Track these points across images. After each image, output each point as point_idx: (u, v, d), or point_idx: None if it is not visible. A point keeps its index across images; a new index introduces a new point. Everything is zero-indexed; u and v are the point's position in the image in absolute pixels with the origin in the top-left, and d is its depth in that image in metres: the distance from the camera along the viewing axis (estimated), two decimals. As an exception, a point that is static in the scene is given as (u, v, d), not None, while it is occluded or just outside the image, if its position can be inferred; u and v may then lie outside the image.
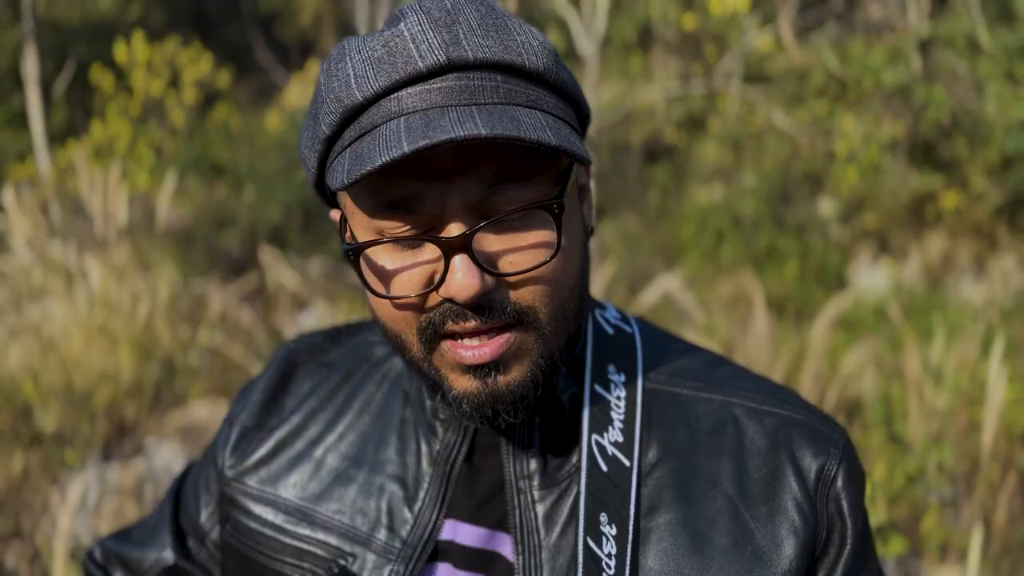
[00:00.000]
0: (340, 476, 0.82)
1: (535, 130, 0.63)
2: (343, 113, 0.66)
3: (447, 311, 0.68)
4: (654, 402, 0.79)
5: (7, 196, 4.83)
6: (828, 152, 9.03)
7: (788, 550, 0.73)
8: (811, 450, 0.76)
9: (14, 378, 3.79)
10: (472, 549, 0.77)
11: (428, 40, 0.64)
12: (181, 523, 0.94)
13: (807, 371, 3.41)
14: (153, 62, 10.22)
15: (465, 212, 0.66)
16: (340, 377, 0.89)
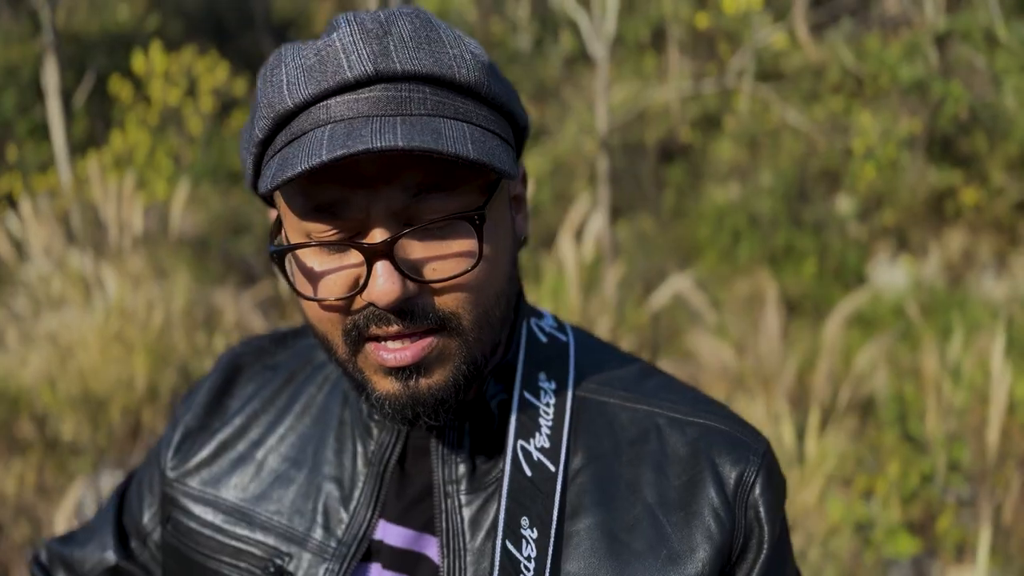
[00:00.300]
0: (280, 477, 0.84)
1: (455, 142, 0.64)
2: (275, 118, 0.68)
3: (370, 315, 0.70)
4: (583, 410, 0.81)
5: (25, 206, 4.90)
6: (845, 149, 8.96)
7: (702, 554, 0.74)
8: (731, 458, 0.78)
9: (32, 386, 3.85)
10: (399, 550, 0.79)
11: (358, 50, 0.66)
12: (124, 524, 0.95)
13: (820, 369, 3.38)
14: (171, 72, 10.32)
15: (389, 219, 0.68)
16: (283, 379, 0.90)
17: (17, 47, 11.50)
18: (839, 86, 9.53)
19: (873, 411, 3.67)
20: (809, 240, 8.52)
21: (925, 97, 8.79)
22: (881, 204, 8.96)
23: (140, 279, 4.83)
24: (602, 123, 7.26)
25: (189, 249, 6.60)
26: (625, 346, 4.19)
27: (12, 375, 3.97)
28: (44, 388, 3.81)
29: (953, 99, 8.32)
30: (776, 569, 0.78)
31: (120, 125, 10.49)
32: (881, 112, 9.00)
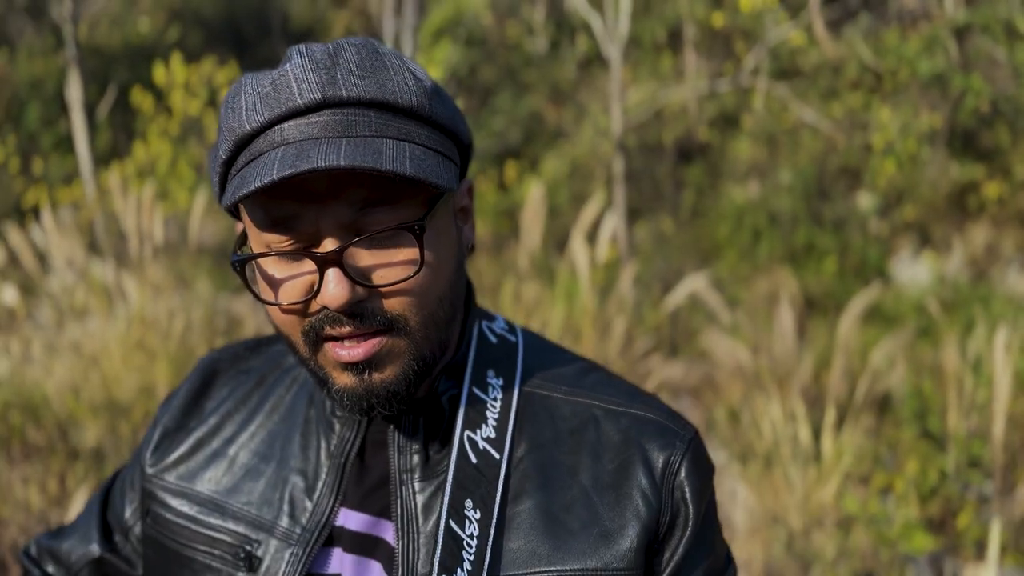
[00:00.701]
0: (251, 471, 0.91)
1: (394, 161, 0.71)
2: (236, 141, 0.76)
3: (325, 317, 0.77)
4: (528, 403, 0.89)
5: (48, 218, 4.99)
6: (865, 145, 8.89)
7: (631, 531, 0.82)
8: (658, 444, 0.85)
9: (56, 394, 3.91)
10: (359, 534, 0.86)
11: (308, 80, 0.73)
12: (108, 520, 1.02)
13: (835, 366, 3.37)
14: (191, 82, 10.46)
15: (338, 230, 0.75)
16: (255, 382, 0.98)
17: (41, 61, 11.69)
18: (857, 82, 9.46)
19: (891, 408, 3.65)
20: (829, 238, 8.46)
21: (945, 91, 8.70)
22: (902, 200, 8.88)
23: (161, 288, 4.90)
24: (616, 125, 7.27)
25: (209, 258, 6.68)
26: (641, 346, 4.19)
27: (37, 384, 4.04)
28: (68, 396, 3.87)
29: (974, 93, 8.23)
30: (701, 546, 0.85)
31: (142, 136, 10.64)
32: (901, 107, 8.92)
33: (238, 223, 0.86)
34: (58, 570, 1.03)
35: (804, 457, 3.17)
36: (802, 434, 3.14)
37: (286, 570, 0.86)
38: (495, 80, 10.82)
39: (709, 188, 9.49)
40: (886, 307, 7.39)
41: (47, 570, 1.04)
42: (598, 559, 0.81)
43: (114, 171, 9.29)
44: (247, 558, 0.87)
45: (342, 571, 0.86)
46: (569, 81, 10.66)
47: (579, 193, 9.05)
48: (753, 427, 3.38)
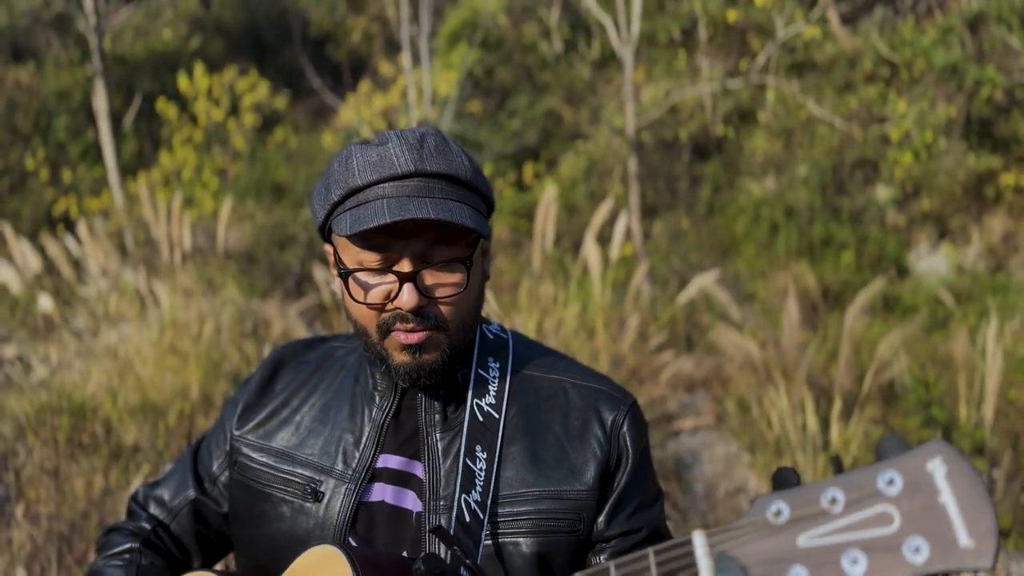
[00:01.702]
0: (312, 432, 1.28)
1: (461, 217, 1.09)
2: (348, 190, 1.13)
3: (397, 315, 1.14)
4: (517, 380, 1.27)
5: (82, 228, 5.17)
6: (881, 137, 8.91)
7: (591, 466, 1.20)
8: (608, 407, 1.25)
9: (95, 397, 4.09)
10: (396, 471, 1.22)
11: (404, 156, 1.12)
12: (199, 471, 1.38)
13: (841, 357, 3.46)
14: (214, 91, 10.67)
15: (414, 258, 1.12)
16: (313, 369, 1.35)
17: (67, 73, 11.95)
18: (873, 74, 9.48)
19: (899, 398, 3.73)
20: (847, 231, 8.49)
21: (961, 82, 8.71)
22: (919, 191, 8.89)
23: (191, 293, 5.07)
24: (630, 123, 7.36)
25: (236, 263, 6.85)
26: (655, 342, 4.30)
27: (77, 388, 4.23)
28: (106, 399, 4.05)
29: (989, 82, 8.23)
30: (639, 479, 1.23)
31: (167, 144, 10.87)
32: (917, 99, 8.94)
33: (327, 245, 1.23)
34: (159, 511, 1.38)
35: (812, 446, 3.27)
36: (810, 424, 3.24)
37: (343, 500, 1.21)
38: (512, 82, 10.94)
39: (726, 184, 9.55)
40: (904, 299, 7.43)
41: (150, 511, 1.38)
42: (568, 484, 1.19)
43: (141, 179, 9.52)
44: (313, 492, 1.22)
45: (384, 498, 1.21)
46: (584, 81, 10.76)
47: (596, 192, 9.15)
48: (762, 418, 3.48)
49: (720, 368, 4.23)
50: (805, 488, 0.79)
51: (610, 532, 1.21)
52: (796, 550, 0.78)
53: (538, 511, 1.17)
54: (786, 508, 0.79)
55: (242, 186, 10.02)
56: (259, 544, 1.26)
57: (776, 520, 0.79)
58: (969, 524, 0.71)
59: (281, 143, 11.26)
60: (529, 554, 1.16)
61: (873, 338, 4.61)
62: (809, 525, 0.78)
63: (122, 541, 1.37)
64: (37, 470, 3.11)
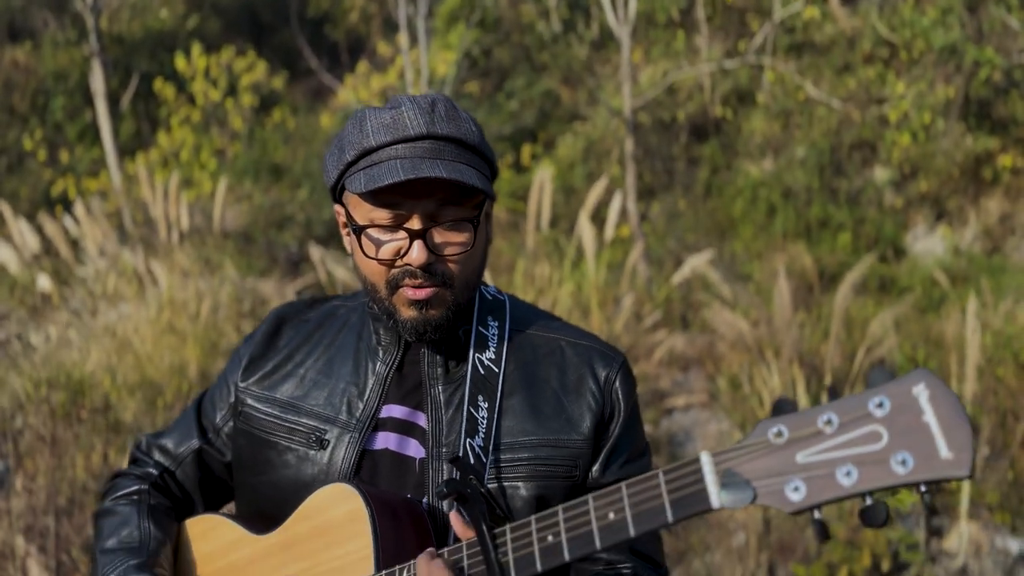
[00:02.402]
0: (317, 384, 1.34)
1: (470, 178, 1.16)
2: (361, 150, 1.19)
3: (406, 271, 1.19)
4: (515, 337, 1.35)
5: (79, 208, 5.19)
6: (880, 118, 8.90)
7: (587, 418, 1.28)
8: (601, 364, 1.33)
9: (94, 375, 4.13)
10: (400, 420, 1.29)
11: (417, 119, 1.18)
12: (203, 423, 1.44)
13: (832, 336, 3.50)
14: (211, 71, 10.64)
15: (424, 216, 1.18)
16: (315, 327, 1.41)
17: (64, 53, 11.90)
18: (872, 55, 9.45)
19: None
20: (844, 212, 8.50)
21: (960, 63, 8.70)
22: (917, 173, 8.90)
23: (189, 273, 5.10)
24: (627, 105, 7.36)
25: (234, 243, 6.87)
26: (649, 321, 4.33)
27: (76, 366, 4.26)
28: (105, 377, 4.08)
29: (988, 63, 8.22)
30: (630, 431, 1.31)
31: (165, 125, 10.85)
32: (915, 80, 8.93)
33: (338, 205, 1.28)
34: (165, 459, 1.44)
35: (803, 423, 3.30)
36: (801, 402, 3.27)
37: (347, 447, 1.27)
38: (509, 62, 10.91)
39: (723, 165, 9.55)
40: (900, 280, 7.46)
41: (156, 458, 1.45)
42: (565, 434, 1.27)
43: (139, 160, 9.52)
44: (319, 440, 1.29)
45: (388, 445, 1.28)
46: (582, 62, 10.73)
47: (594, 173, 9.15)
48: (754, 395, 3.52)
49: (713, 347, 4.27)
50: (802, 412, 0.87)
51: (604, 480, 1.28)
52: (795, 465, 0.86)
53: (537, 457, 1.25)
54: (786, 429, 0.87)
55: (240, 167, 10.01)
56: (263, 490, 1.33)
57: (777, 440, 0.87)
58: (949, 439, 0.79)
59: (279, 124, 11.24)
60: (528, 496, 1.24)
61: (868, 318, 4.64)
62: (807, 444, 0.86)
63: (129, 484, 1.41)
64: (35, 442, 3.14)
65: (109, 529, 1.35)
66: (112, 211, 8.05)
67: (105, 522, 1.37)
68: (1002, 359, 3.45)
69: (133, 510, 1.36)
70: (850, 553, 2.84)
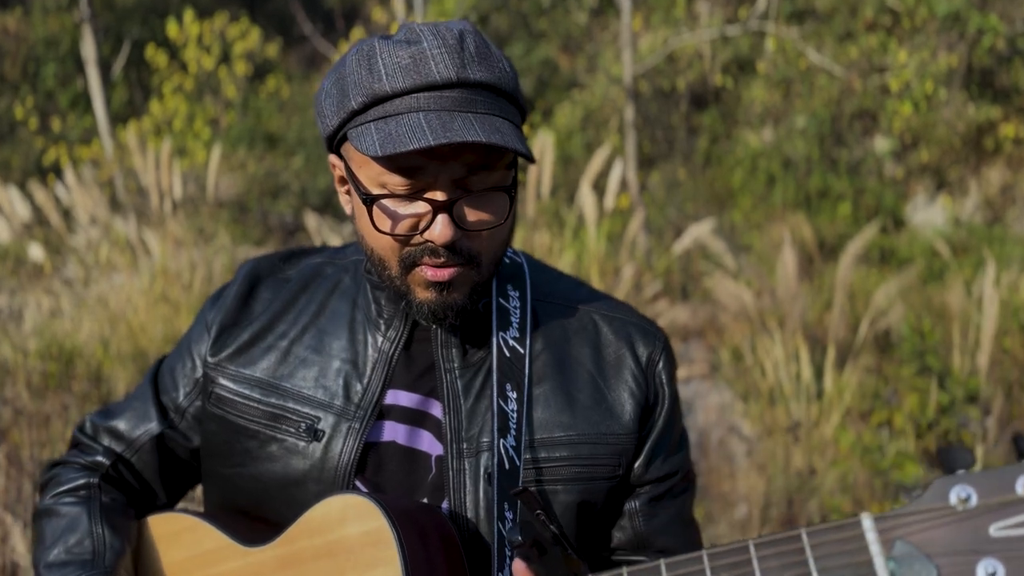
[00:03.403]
0: (304, 361, 1.12)
1: (511, 140, 0.92)
2: (372, 97, 0.93)
3: (426, 248, 0.98)
4: (539, 310, 1.14)
5: (70, 176, 5.10)
6: (881, 87, 8.80)
7: (629, 407, 1.10)
8: (643, 342, 1.14)
9: (86, 345, 4.08)
10: (409, 409, 1.09)
11: (444, 60, 0.93)
12: (162, 401, 1.20)
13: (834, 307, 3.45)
14: (204, 38, 10.48)
15: (449, 184, 0.95)
16: (298, 288, 1.17)
17: (55, 19, 11.72)
18: (874, 23, 9.33)
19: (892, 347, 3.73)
20: (844, 182, 8.44)
21: (963, 31, 8.58)
22: (918, 143, 8.82)
23: (182, 242, 5.03)
24: (627, 72, 7.25)
25: (228, 212, 6.79)
26: (649, 292, 4.28)
27: (68, 336, 4.20)
28: (97, 347, 4.03)
29: (991, 31, 8.11)
30: (674, 416, 1.14)
31: (158, 93, 10.70)
32: (918, 48, 8.81)
33: (334, 158, 1.05)
34: (117, 444, 1.20)
35: (806, 395, 3.27)
36: (804, 373, 3.24)
37: (346, 440, 1.07)
38: (507, 29, 10.76)
39: (723, 134, 9.46)
40: (901, 251, 7.41)
41: (106, 444, 1.20)
42: (606, 426, 1.09)
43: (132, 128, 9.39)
44: (310, 430, 1.08)
45: (396, 438, 1.09)
46: (581, 28, 10.58)
47: (593, 142, 9.06)
48: (756, 367, 3.48)
49: (715, 317, 4.22)
50: (996, 471, 0.71)
51: (648, 476, 1.12)
52: (988, 540, 0.70)
53: (578, 456, 1.07)
54: (974, 493, 0.71)
55: (234, 135, 9.90)
56: (240, 484, 1.12)
57: (962, 506, 0.71)
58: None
59: (273, 92, 11.10)
60: (568, 502, 1.06)
61: (870, 289, 4.60)
62: (1003, 514, 0.70)
63: (75, 476, 1.18)
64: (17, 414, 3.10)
65: (54, 535, 1.11)
66: (104, 180, 7.95)
67: (48, 525, 1.13)
68: (1008, 330, 3.41)
69: (82, 510, 1.13)
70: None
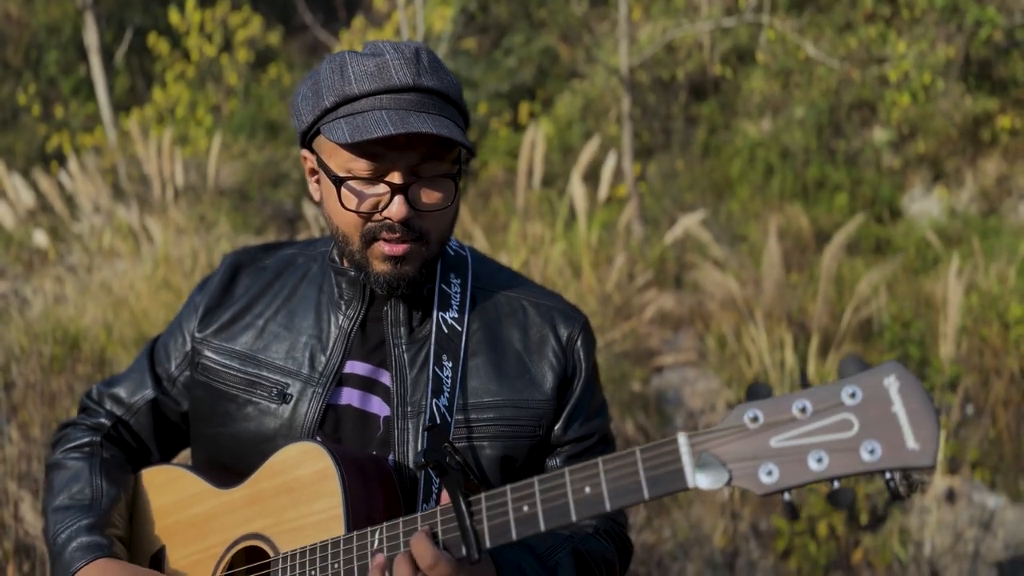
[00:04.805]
0: (277, 336, 1.32)
1: (456, 134, 1.13)
2: (342, 97, 1.14)
3: (384, 225, 1.17)
4: (477, 296, 1.34)
5: (73, 164, 5.18)
6: (880, 78, 8.84)
7: (550, 378, 1.30)
8: (563, 324, 1.34)
9: (90, 330, 4.17)
10: (363, 377, 1.29)
11: (403, 69, 1.15)
12: (157, 371, 1.41)
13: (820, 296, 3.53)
14: (206, 25, 10.52)
15: (405, 170, 1.15)
16: (273, 275, 1.38)
17: (57, 6, 11.76)
18: (873, 14, 9.36)
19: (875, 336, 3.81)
20: (842, 173, 8.49)
21: (961, 22, 8.61)
22: (916, 134, 8.86)
23: (184, 229, 5.11)
24: (625, 62, 7.30)
25: (229, 200, 6.87)
26: (641, 280, 4.36)
27: (72, 322, 4.29)
28: (101, 332, 4.12)
29: (989, 23, 8.15)
30: (590, 389, 1.33)
31: (160, 80, 10.75)
32: (916, 39, 8.85)
33: (305, 151, 1.24)
34: (118, 408, 1.41)
35: (790, 382, 3.36)
36: (788, 361, 3.32)
37: (311, 402, 1.27)
38: (507, 18, 10.79)
39: (722, 125, 9.50)
40: (895, 241, 7.48)
41: (108, 408, 1.41)
42: (529, 394, 1.28)
43: (134, 116, 9.46)
44: (280, 395, 1.28)
45: (351, 402, 1.27)
46: (581, 18, 10.61)
47: (592, 132, 9.11)
48: (742, 354, 3.56)
49: (702, 306, 4.30)
50: (778, 398, 0.90)
51: (566, 438, 1.31)
52: (768, 450, 0.89)
53: (503, 417, 1.26)
54: (761, 414, 0.90)
55: (235, 123, 9.96)
56: (222, 442, 1.31)
57: (752, 425, 0.90)
58: (916, 430, 0.83)
59: (275, 80, 11.15)
60: (493, 456, 1.25)
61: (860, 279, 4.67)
62: (781, 429, 0.89)
63: (81, 435, 1.37)
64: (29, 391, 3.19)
65: (60, 484, 1.31)
66: (107, 167, 8.02)
67: (56, 476, 1.33)
68: (988, 319, 3.49)
69: (85, 464, 1.32)
70: (830, 507, 2.90)
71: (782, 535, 2.82)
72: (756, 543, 2.83)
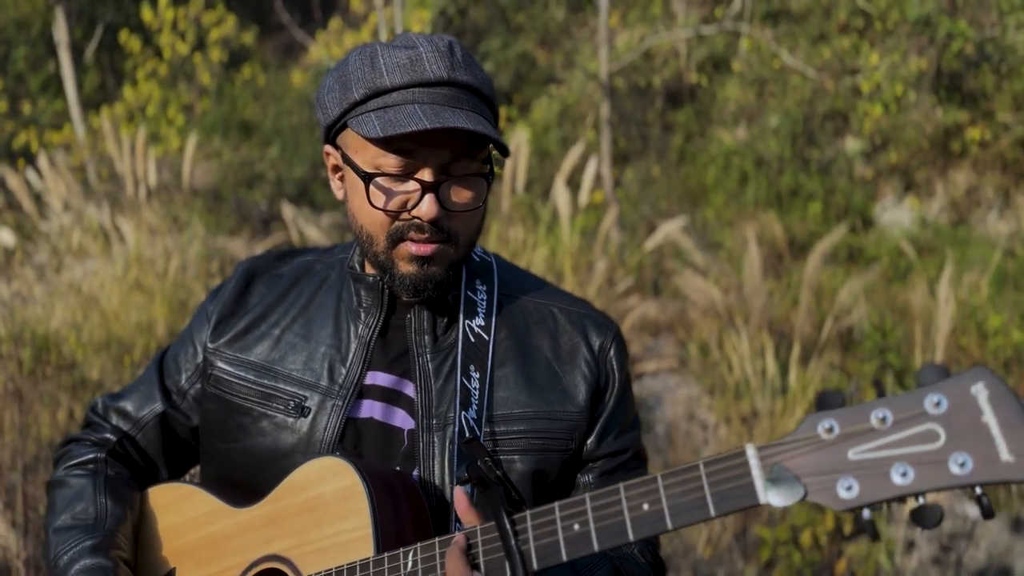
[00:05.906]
0: (294, 347, 1.26)
1: (491, 131, 1.08)
2: (374, 90, 1.09)
3: (412, 224, 1.12)
4: (504, 303, 1.29)
5: (43, 161, 5.06)
6: (853, 88, 8.94)
7: (582, 389, 1.24)
8: (596, 332, 1.29)
9: (59, 332, 4.07)
10: (386, 388, 1.23)
11: (437, 63, 1.10)
12: (166, 384, 1.34)
13: (802, 304, 3.54)
14: (179, 23, 10.37)
15: (437, 168, 1.10)
16: (290, 283, 1.31)
17: (27, 1, 11.54)
18: (847, 25, 9.46)
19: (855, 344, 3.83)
20: (815, 181, 8.56)
21: (933, 35, 8.73)
22: (887, 144, 8.97)
23: (156, 230, 5.02)
24: (603, 69, 7.31)
25: (203, 201, 6.77)
26: (621, 286, 4.35)
27: (40, 323, 4.19)
28: (70, 334, 4.02)
29: (960, 36, 8.27)
30: (624, 401, 1.28)
31: (131, 78, 10.58)
32: (889, 51, 8.96)
33: (329, 146, 1.19)
34: (124, 423, 1.34)
35: (771, 390, 3.35)
36: (769, 368, 3.32)
37: (331, 415, 1.20)
38: (485, 23, 10.77)
39: (697, 132, 9.55)
40: (868, 250, 7.55)
41: (114, 423, 1.34)
42: (560, 405, 1.22)
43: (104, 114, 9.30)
44: (298, 408, 1.21)
45: (373, 415, 1.21)
46: (559, 24, 10.62)
47: (569, 137, 9.11)
48: (723, 361, 3.56)
49: (684, 313, 4.30)
50: (855, 407, 0.84)
51: (600, 452, 1.25)
52: (847, 462, 0.83)
53: (534, 430, 1.20)
54: (836, 424, 0.84)
55: (209, 123, 9.83)
56: (235, 457, 1.24)
57: (827, 435, 0.84)
58: (1010, 441, 0.77)
59: (249, 80, 11.03)
60: (524, 471, 1.19)
61: (836, 287, 4.70)
62: (859, 440, 0.83)
63: (85, 452, 1.30)
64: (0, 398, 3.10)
65: (62, 503, 1.24)
66: (76, 165, 7.87)
67: (58, 495, 1.26)
68: (965, 329, 3.51)
69: (88, 482, 1.25)
70: (813, 516, 2.90)
71: (766, 545, 2.81)
72: (740, 553, 2.82)
